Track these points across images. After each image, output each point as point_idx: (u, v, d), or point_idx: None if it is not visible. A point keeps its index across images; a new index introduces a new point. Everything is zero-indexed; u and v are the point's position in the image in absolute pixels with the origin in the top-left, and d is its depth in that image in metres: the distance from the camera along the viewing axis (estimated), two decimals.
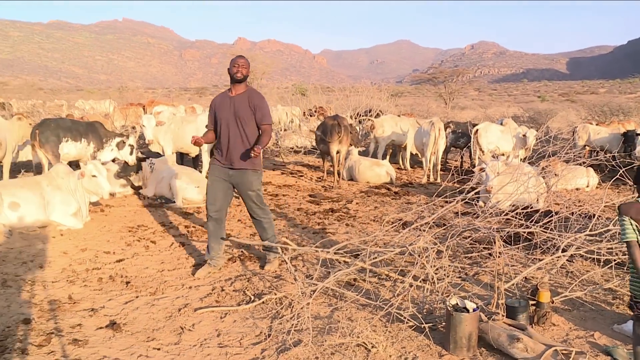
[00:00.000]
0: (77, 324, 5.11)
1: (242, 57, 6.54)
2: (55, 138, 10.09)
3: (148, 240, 7.85)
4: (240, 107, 6.41)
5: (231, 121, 6.42)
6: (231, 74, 6.40)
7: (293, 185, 12.78)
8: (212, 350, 4.70)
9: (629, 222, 3.89)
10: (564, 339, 5.05)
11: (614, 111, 28.20)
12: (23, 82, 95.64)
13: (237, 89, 6.49)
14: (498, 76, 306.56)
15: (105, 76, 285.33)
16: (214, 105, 6.64)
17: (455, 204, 7.30)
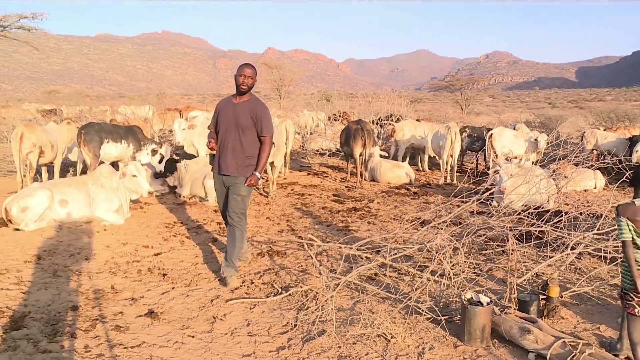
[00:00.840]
0: (119, 312, 5.16)
1: (249, 67, 6.09)
2: (97, 139, 10.25)
3: (183, 236, 7.90)
4: (242, 115, 6.04)
5: (231, 128, 6.08)
6: (237, 83, 6.06)
7: (318, 185, 12.77)
8: (242, 338, 4.71)
9: (626, 222, 4.12)
10: (572, 331, 5.00)
11: (620, 117, 27.90)
12: (72, 90, 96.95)
13: (242, 96, 6.15)
14: (511, 84, 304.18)
15: (145, 84, 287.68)
16: (218, 108, 6.33)
17: (470, 204, 7.26)
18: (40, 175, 11.11)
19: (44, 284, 5.77)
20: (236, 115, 6.04)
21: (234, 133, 6.06)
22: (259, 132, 6.08)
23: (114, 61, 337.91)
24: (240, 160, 6.07)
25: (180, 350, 4.46)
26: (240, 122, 6.03)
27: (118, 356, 4.29)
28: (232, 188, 6.11)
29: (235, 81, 6.07)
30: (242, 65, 6.13)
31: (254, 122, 6.04)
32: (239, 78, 6.02)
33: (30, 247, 6.96)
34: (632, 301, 4.16)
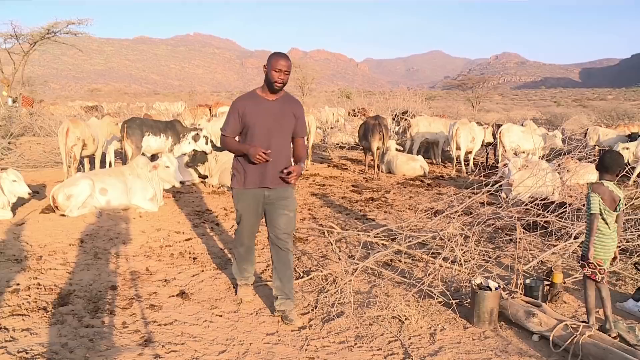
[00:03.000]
0: (153, 292, 5.19)
1: (285, 58, 4.49)
2: (139, 132, 10.34)
3: (213, 223, 7.92)
4: (285, 115, 4.64)
5: (273, 131, 4.59)
6: (270, 80, 4.47)
7: (338, 176, 12.75)
8: (266, 318, 4.72)
9: (597, 198, 4.37)
10: (573, 315, 4.95)
11: (621, 116, 27.62)
12: (112, 88, 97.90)
13: (275, 93, 4.63)
14: (519, 83, 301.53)
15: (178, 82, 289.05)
16: (242, 108, 4.60)
17: (480, 195, 7.22)
18: (83, 166, 11.22)
19: (87, 265, 5.83)
20: (277, 115, 4.60)
21: (279, 137, 4.63)
22: (297, 133, 4.78)
23: (149, 61, 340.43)
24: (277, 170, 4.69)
25: (209, 328, 4.48)
26: (285, 124, 4.65)
27: (152, 332, 4.32)
28: (278, 203, 4.69)
29: (268, 77, 4.49)
30: (274, 55, 4.49)
31: (295, 123, 4.74)
32: (273, 74, 4.43)
33: (74, 231, 7.03)
34: (595, 269, 4.40)
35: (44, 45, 25.62)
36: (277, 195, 4.69)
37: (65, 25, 24.70)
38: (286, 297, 4.71)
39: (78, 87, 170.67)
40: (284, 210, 4.70)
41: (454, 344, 4.34)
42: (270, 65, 4.45)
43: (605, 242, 4.43)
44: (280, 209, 4.69)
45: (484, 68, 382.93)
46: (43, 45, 25.58)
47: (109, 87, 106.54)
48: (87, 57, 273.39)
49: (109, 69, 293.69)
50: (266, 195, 4.69)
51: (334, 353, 4.10)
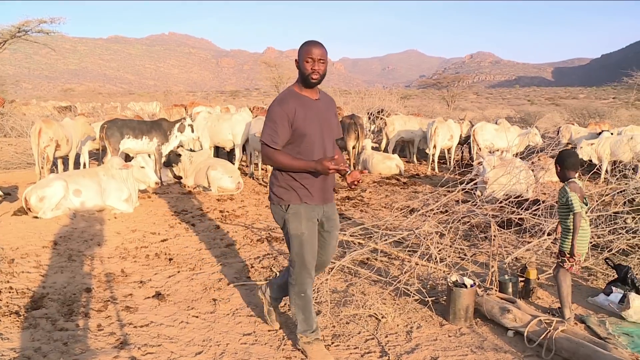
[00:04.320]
0: (128, 294, 5.15)
1: (318, 45, 3.72)
2: (118, 134, 10.24)
3: (188, 223, 7.88)
4: (329, 114, 3.98)
5: (326, 136, 3.90)
6: (304, 73, 3.72)
7: None
8: (243, 319, 4.70)
9: (577, 196, 4.52)
10: (547, 310, 5.01)
11: (592, 114, 28.08)
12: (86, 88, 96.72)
13: (314, 90, 3.89)
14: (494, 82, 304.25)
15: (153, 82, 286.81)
16: (292, 113, 3.72)
17: (456, 193, 7.26)
18: (57, 167, 11.07)
19: (60, 268, 5.76)
20: (326, 117, 3.92)
21: (330, 142, 3.96)
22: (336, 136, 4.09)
23: (124, 61, 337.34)
24: (334, 181, 4.09)
25: (185, 329, 4.46)
26: (334, 126, 4.00)
27: (128, 334, 4.28)
28: (331, 223, 4.05)
29: (301, 70, 3.75)
30: (304, 44, 3.76)
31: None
32: (305, 65, 3.70)
33: (48, 233, 6.95)
34: (572, 262, 4.58)
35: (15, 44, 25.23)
36: (331, 211, 4.05)
37: (37, 23, 24.33)
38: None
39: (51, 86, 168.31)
40: (335, 230, 4.11)
41: (430, 341, 4.37)
42: (301, 56, 3.73)
43: (585, 237, 4.63)
44: (333, 228, 4.07)
45: (459, 67, 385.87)
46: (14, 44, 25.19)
47: (83, 87, 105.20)
48: (60, 57, 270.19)
49: (83, 68, 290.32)
50: (324, 212, 3.97)
51: None
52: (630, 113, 31.24)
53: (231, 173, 10.08)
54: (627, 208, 7.01)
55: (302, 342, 4.03)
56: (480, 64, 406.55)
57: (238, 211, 8.71)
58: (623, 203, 7.31)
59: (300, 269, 3.92)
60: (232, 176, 10.02)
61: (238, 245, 6.90)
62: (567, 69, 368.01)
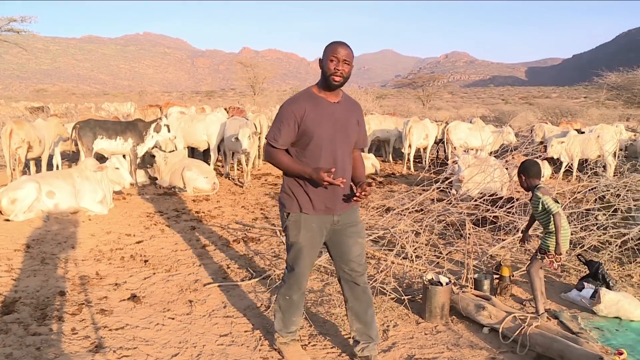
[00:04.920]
0: (103, 297, 5.09)
1: (344, 46, 3.51)
2: (91, 134, 10.12)
3: (163, 225, 7.82)
4: (349, 120, 3.69)
5: (338, 141, 3.63)
6: (327, 73, 3.50)
7: None
8: (219, 320, 4.68)
9: (550, 198, 4.62)
10: (522, 307, 5.09)
11: (564, 113, 28.48)
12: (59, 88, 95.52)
13: (335, 92, 3.64)
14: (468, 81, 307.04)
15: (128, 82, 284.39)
16: (300, 113, 3.55)
17: (431, 192, 7.31)
18: (29, 169, 10.92)
19: (33, 271, 5.67)
20: (341, 121, 3.64)
21: (344, 149, 3.69)
22: (360, 143, 3.88)
23: (98, 61, 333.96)
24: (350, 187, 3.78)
25: (161, 331, 4.42)
26: (351, 132, 3.72)
27: (103, 337, 4.23)
28: (349, 230, 3.79)
29: (324, 70, 3.54)
30: (330, 44, 3.56)
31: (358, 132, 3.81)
32: (329, 64, 3.48)
33: (20, 236, 6.84)
34: (552, 258, 4.67)
35: None
36: (347, 219, 3.77)
37: (6, 22, 23.97)
38: (371, 341, 3.94)
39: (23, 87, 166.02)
40: (357, 237, 3.83)
41: (406, 339, 4.39)
42: (325, 54, 3.53)
43: (567, 235, 4.75)
44: (352, 236, 3.80)
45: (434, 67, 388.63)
46: None
47: (56, 88, 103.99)
48: (32, 56, 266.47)
49: (56, 68, 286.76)
50: (335, 221, 3.72)
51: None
52: (600, 112, 31.75)
53: (206, 174, 10.04)
54: (598, 205, 7.12)
55: (279, 342, 4.02)
56: (455, 63, 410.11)
57: (214, 212, 8.67)
58: (594, 200, 7.43)
59: (291, 276, 3.86)
60: (207, 177, 9.97)
61: (214, 246, 6.87)
62: (540, 69, 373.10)
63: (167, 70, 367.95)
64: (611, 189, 7.52)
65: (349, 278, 3.86)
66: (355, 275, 3.84)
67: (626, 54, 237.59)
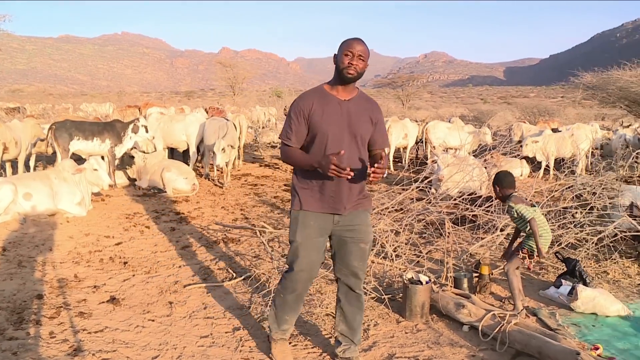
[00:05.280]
0: (82, 299, 5.04)
1: (360, 42, 3.49)
2: (67, 135, 9.98)
3: (143, 226, 7.77)
4: (360, 119, 3.58)
5: (344, 138, 3.52)
6: (340, 67, 3.47)
7: (270, 176, 12.73)
8: (200, 321, 4.66)
9: (523, 205, 4.75)
10: (501, 305, 5.13)
11: (542, 112, 28.82)
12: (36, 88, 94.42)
13: (348, 90, 3.58)
14: (447, 81, 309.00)
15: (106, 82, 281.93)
16: (307, 109, 3.53)
17: (410, 191, 7.34)
18: (5, 171, 10.77)
19: (10, 275, 5.59)
20: (351, 118, 3.55)
21: (354, 148, 3.57)
22: (378, 143, 3.71)
23: (76, 61, 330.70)
24: (361, 187, 3.69)
25: (141, 333, 4.39)
26: (360, 131, 3.57)
27: (82, 341, 4.19)
28: (351, 232, 3.68)
29: (338, 65, 3.50)
30: (346, 40, 3.51)
31: (373, 130, 3.66)
32: (343, 58, 3.45)
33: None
34: (532, 259, 4.82)
35: None
36: (350, 221, 3.66)
37: None
38: (353, 344, 3.94)
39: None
40: (359, 242, 3.69)
41: (387, 338, 4.41)
42: (340, 49, 3.49)
43: (548, 238, 4.83)
44: (354, 239, 3.68)
45: (414, 66, 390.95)
46: None
47: (33, 88, 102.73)
48: (7, 56, 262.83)
49: (32, 68, 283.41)
50: (335, 221, 3.63)
51: (268, 353, 4.09)
52: (577, 111, 32.25)
53: (186, 174, 9.98)
54: (575, 203, 7.21)
55: (271, 336, 4.01)
56: (434, 63, 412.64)
57: (194, 213, 8.63)
58: (571, 198, 7.52)
59: (287, 275, 3.79)
60: (187, 177, 9.92)
61: (194, 247, 6.84)
62: (518, 69, 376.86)
63: (145, 71, 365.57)
64: (587, 187, 7.62)
65: (346, 282, 3.80)
66: (352, 282, 3.79)
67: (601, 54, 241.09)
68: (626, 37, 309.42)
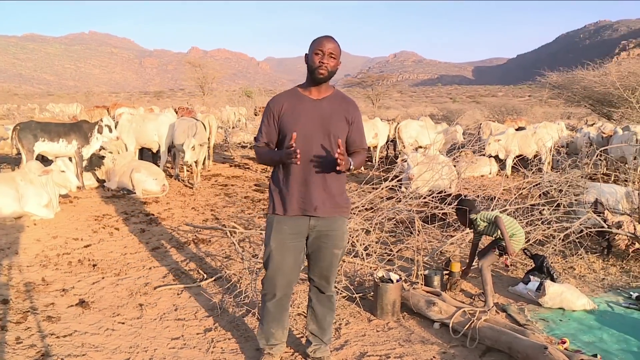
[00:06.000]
0: (50, 303, 4.95)
1: (330, 40, 3.43)
2: (31, 136, 9.77)
3: (112, 228, 7.67)
4: (334, 118, 3.50)
5: (316, 138, 3.43)
6: (312, 67, 3.42)
7: (241, 176, 12.68)
8: (171, 323, 4.62)
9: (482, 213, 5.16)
10: (471, 302, 5.19)
11: (510, 111, 29.25)
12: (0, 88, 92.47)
13: (322, 89, 3.54)
14: (417, 81, 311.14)
15: (74, 82, 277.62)
16: (278, 109, 3.50)
17: (381, 190, 7.37)
18: None
19: None
20: (324, 117, 3.47)
21: (324, 145, 3.46)
22: (356, 143, 3.63)
23: (42, 60, 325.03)
24: (338, 191, 3.59)
25: (111, 336, 4.33)
26: (333, 130, 3.47)
27: (50, 345, 4.12)
28: (325, 237, 3.60)
29: (309, 64, 3.46)
30: (318, 38, 3.45)
31: (348, 129, 3.58)
32: (314, 57, 3.40)
33: None
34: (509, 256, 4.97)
35: None
36: (326, 226, 3.58)
37: None
38: (323, 344, 3.93)
39: None
40: (333, 247, 3.64)
41: (359, 336, 4.42)
42: (311, 48, 3.43)
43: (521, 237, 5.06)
44: (328, 245, 3.63)
45: (383, 66, 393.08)
46: None
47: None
48: None
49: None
50: (311, 226, 3.55)
51: (240, 354, 4.07)
52: (543, 110, 32.75)
53: (155, 175, 9.88)
54: (542, 200, 7.32)
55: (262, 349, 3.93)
56: (404, 63, 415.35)
57: (164, 214, 8.55)
58: (539, 196, 7.64)
59: (264, 280, 3.74)
60: (156, 178, 9.82)
61: (164, 248, 6.78)
62: (486, 68, 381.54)
63: (114, 71, 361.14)
64: (554, 185, 7.75)
65: (316, 285, 3.81)
66: (323, 284, 3.79)
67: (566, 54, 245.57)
68: (589, 39, 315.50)
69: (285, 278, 3.65)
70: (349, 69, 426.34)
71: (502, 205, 7.11)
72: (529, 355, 3.80)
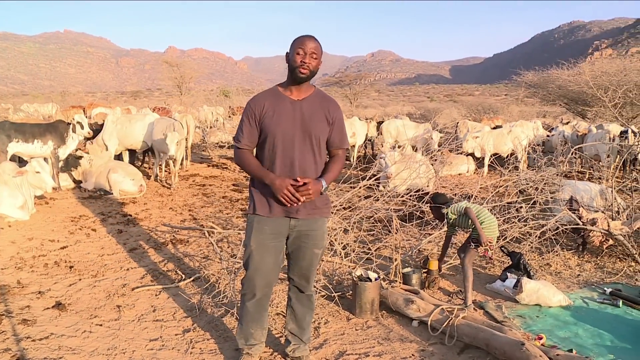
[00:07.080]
0: (25, 306, 4.89)
1: (312, 39, 3.40)
2: (5, 137, 9.60)
3: (89, 229, 7.59)
4: (314, 118, 3.47)
5: (296, 139, 3.43)
6: (293, 66, 3.38)
7: (218, 176, 12.62)
8: (149, 324, 4.59)
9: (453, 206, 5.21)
10: (449, 299, 5.23)
11: (486, 110, 29.52)
12: None
13: (302, 89, 3.50)
14: (394, 80, 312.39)
15: (49, 82, 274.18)
16: (258, 109, 3.46)
17: (358, 189, 7.39)
18: None
19: None
20: (304, 118, 3.45)
21: (304, 148, 3.46)
22: (335, 143, 3.63)
23: (15, 59, 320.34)
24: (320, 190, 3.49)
25: (88, 339, 4.29)
26: (314, 131, 3.47)
27: (26, 349, 4.06)
28: (305, 237, 3.59)
29: (290, 64, 3.42)
30: (300, 37, 3.42)
31: (329, 129, 3.57)
32: (295, 57, 3.36)
33: None
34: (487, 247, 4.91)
35: None
36: (307, 227, 3.57)
37: None
38: (302, 343, 3.94)
39: None
40: (313, 247, 3.64)
41: (338, 335, 4.43)
42: (292, 47, 3.41)
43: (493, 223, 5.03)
44: (308, 245, 3.62)
45: (361, 65, 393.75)
46: None
47: None
48: None
49: None
50: (292, 226, 3.54)
51: (219, 354, 4.06)
52: (520, 109, 33.09)
53: (133, 176, 9.80)
54: (519, 198, 7.40)
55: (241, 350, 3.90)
56: (381, 62, 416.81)
57: (141, 214, 8.48)
58: (515, 193, 7.72)
59: (244, 280, 3.70)
60: (133, 179, 9.74)
61: (142, 249, 6.72)
62: (463, 67, 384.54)
63: (90, 70, 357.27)
64: (531, 183, 7.84)
65: (296, 284, 3.81)
66: (303, 284, 3.79)
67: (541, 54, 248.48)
68: (563, 38, 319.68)
69: (265, 278, 3.63)
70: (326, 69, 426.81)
71: (479, 204, 7.16)
72: (506, 351, 3.84)
